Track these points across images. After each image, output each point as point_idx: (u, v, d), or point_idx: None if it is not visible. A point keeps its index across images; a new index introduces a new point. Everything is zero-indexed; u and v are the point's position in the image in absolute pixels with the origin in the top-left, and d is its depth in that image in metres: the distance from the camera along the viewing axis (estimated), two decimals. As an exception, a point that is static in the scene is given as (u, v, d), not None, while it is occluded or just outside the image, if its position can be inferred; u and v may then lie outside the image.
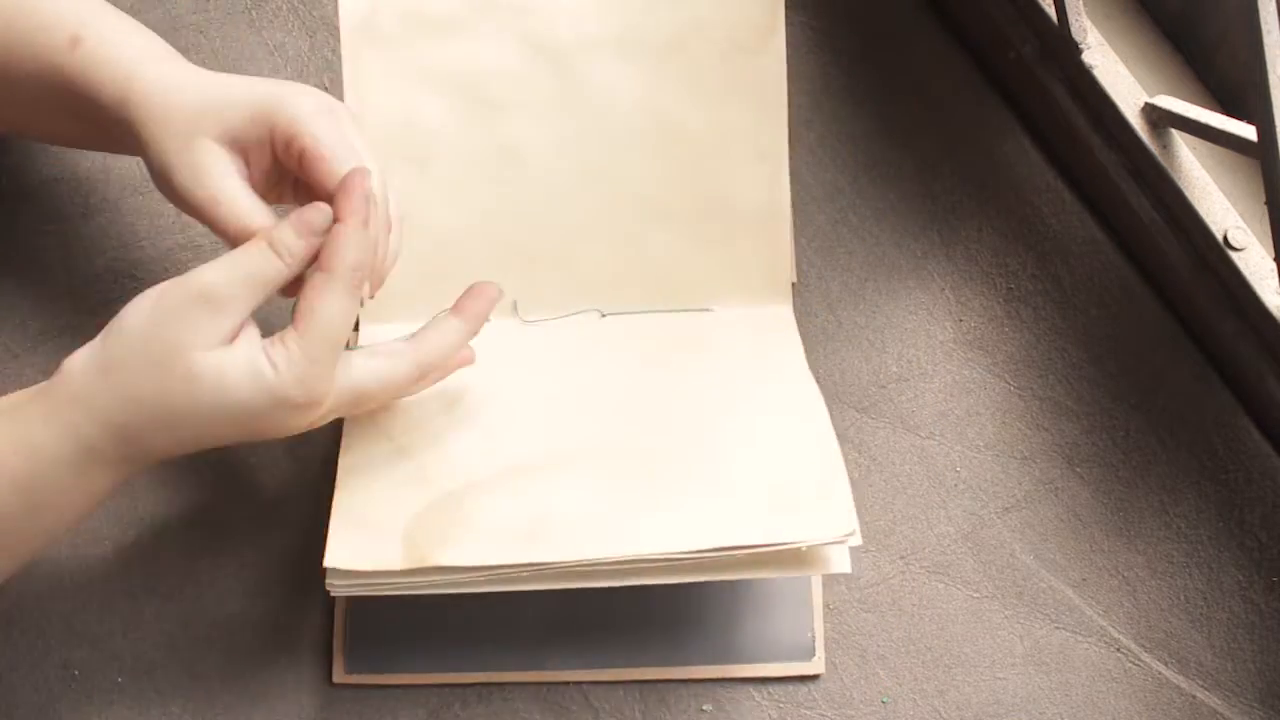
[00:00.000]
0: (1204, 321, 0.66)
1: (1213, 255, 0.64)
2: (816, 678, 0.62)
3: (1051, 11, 0.67)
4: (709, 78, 0.65)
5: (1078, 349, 0.68)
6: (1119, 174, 0.67)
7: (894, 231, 0.70)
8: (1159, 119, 0.65)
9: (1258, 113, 0.55)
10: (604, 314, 0.66)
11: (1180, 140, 0.65)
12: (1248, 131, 0.59)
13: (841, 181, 0.71)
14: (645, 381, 0.63)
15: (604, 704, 0.61)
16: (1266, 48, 0.53)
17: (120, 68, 0.56)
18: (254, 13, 0.72)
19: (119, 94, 0.56)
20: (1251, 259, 0.63)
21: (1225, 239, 0.63)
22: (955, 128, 0.72)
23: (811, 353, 0.67)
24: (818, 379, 0.66)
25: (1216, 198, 0.64)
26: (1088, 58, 0.66)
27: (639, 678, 0.62)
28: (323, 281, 0.52)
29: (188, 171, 0.55)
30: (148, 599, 0.63)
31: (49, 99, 0.58)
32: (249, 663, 0.61)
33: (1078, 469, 0.66)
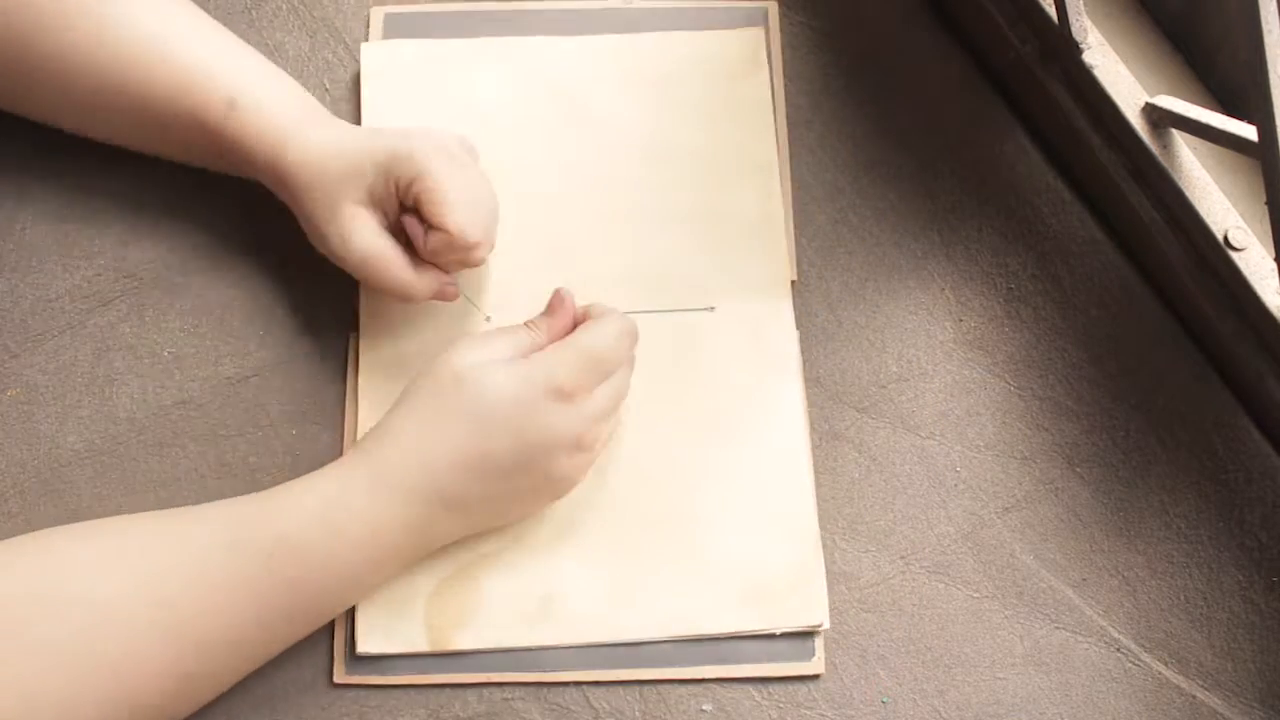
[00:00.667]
0: (1204, 321, 0.66)
1: (1213, 255, 0.64)
2: (816, 678, 0.62)
3: (1052, 11, 0.67)
4: (702, 104, 0.71)
5: (1078, 349, 0.68)
6: (1119, 174, 0.67)
7: (894, 231, 0.70)
8: (1159, 119, 0.65)
9: (1258, 113, 0.55)
10: None
11: (1180, 140, 0.65)
12: (1248, 131, 0.59)
13: (841, 181, 0.71)
14: (642, 423, 0.65)
15: (604, 704, 0.61)
16: (1267, 47, 0.53)
17: (273, 135, 0.61)
18: (254, 13, 0.72)
19: (271, 158, 0.61)
20: (1251, 259, 0.63)
21: (1225, 239, 0.63)
22: (955, 128, 0.72)
23: (811, 353, 0.67)
24: (818, 379, 0.67)
25: (1217, 198, 0.64)
26: (1088, 58, 0.66)
27: (639, 678, 0.62)
28: (601, 314, 0.61)
29: (338, 236, 0.61)
30: (148, 599, 0.63)
31: (201, 148, 0.63)
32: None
33: (1078, 469, 0.66)
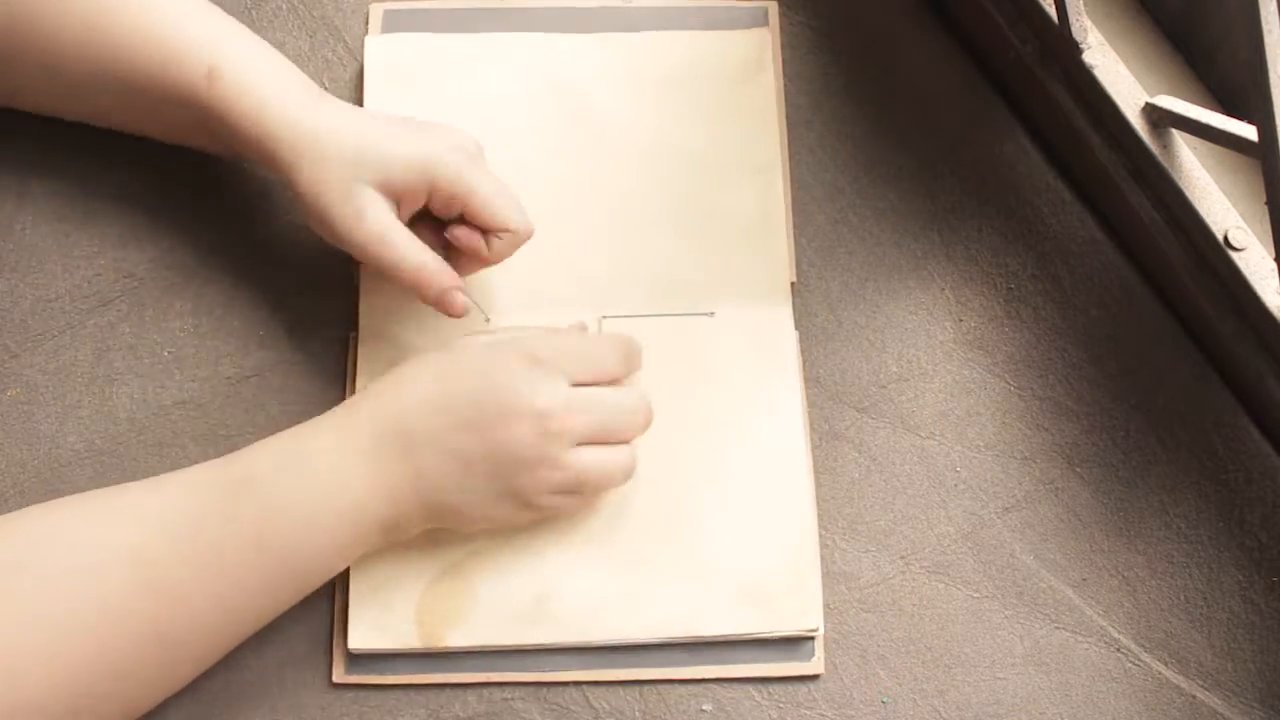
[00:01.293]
0: (1204, 321, 0.66)
1: (1213, 255, 0.64)
2: (816, 678, 0.62)
3: (1052, 11, 0.67)
4: (705, 105, 0.70)
5: (1078, 349, 0.68)
6: (1119, 174, 0.67)
7: (894, 231, 0.70)
8: (1159, 119, 0.65)
9: (1258, 113, 0.55)
10: (604, 317, 0.66)
11: (1180, 140, 0.65)
12: (1248, 131, 0.59)
13: (841, 181, 0.71)
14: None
15: (604, 704, 0.61)
16: (1267, 47, 0.53)
17: (258, 104, 0.60)
18: (254, 13, 0.72)
19: (258, 129, 0.60)
20: (1251, 259, 0.63)
21: (1225, 239, 0.63)
22: (955, 128, 0.72)
23: (811, 353, 0.67)
24: (818, 379, 0.67)
25: (1217, 198, 0.64)
26: (1088, 58, 0.66)
27: (639, 678, 0.62)
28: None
29: (350, 214, 0.60)
30: (148, 599, 0.63)
31: (186, 122, 0.62)
32: (249, 663, 0.61)
33: (1078, 469, 0.66)
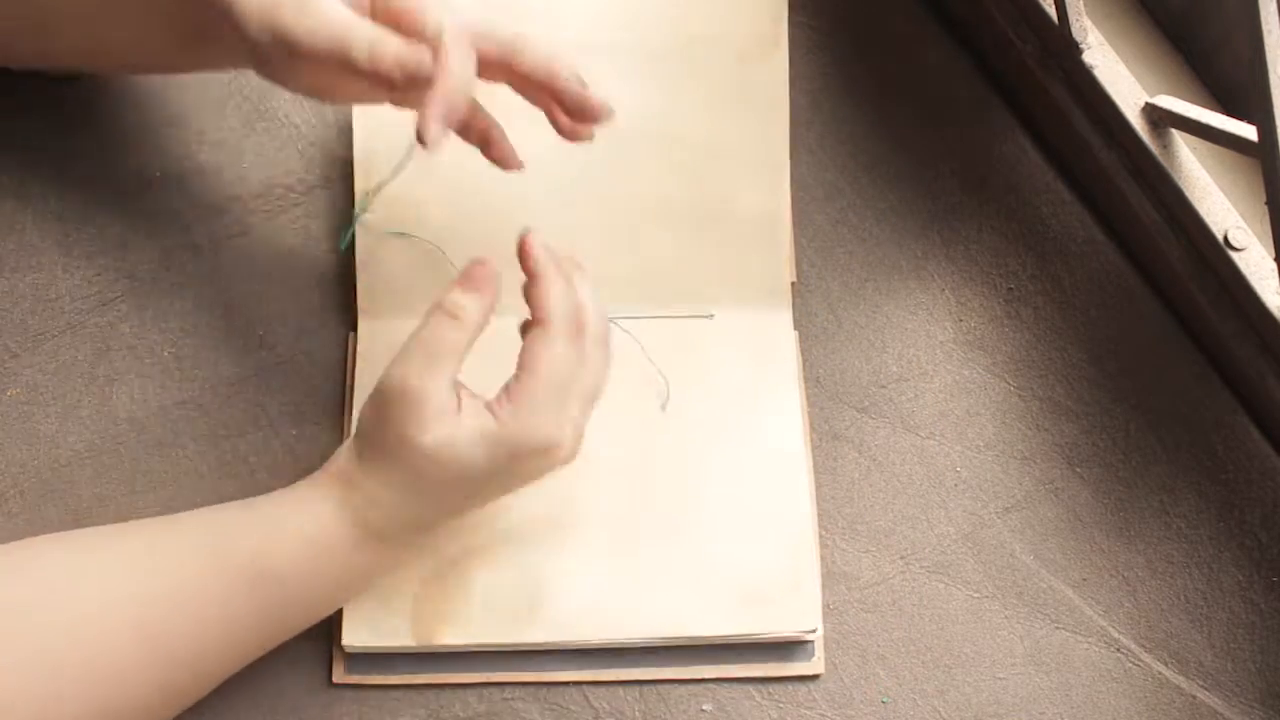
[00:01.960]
0: (1204, 321, 0.66)
1: (1213, 255, 0.64)
2: (816, 678, 0.62)
3: (1052, 11, 0.67)
4: (712, 87, 0.67)
5: (1078, 349, 0.68)
6: (1119, 174, 0.67)
7: (894, 231, 0.70)
8: (1159, 119, 0.65)
9: (1258, 113, 0.55)
10: None
11: (1180, 140, 0.65)
12: (1248, 131, 0.59)
13: (841, 181, 0.71)
14: (639, 424, 0.64)
15: (604, 704, 0.61)
16: (1267, 48, 0.53)
17: None
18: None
19: None
20: (1251, 259, 0.63)
21: (1225, 239, 0.63)
22: (955, 128, 0.72)
23: (811, 353, 0.67)
24: (818, 379, 0.67)
25: (1217, 198, 0.64)
26: (1088, 58, 0.66)
27: (639, 678, 0.61)
28: (539, 335, 0.54)
29: (293, 8, 0.52)
30: (148, 599, 0.63)
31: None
32: (249, 663, 0.61)
33: (1078, 469, 0.66)
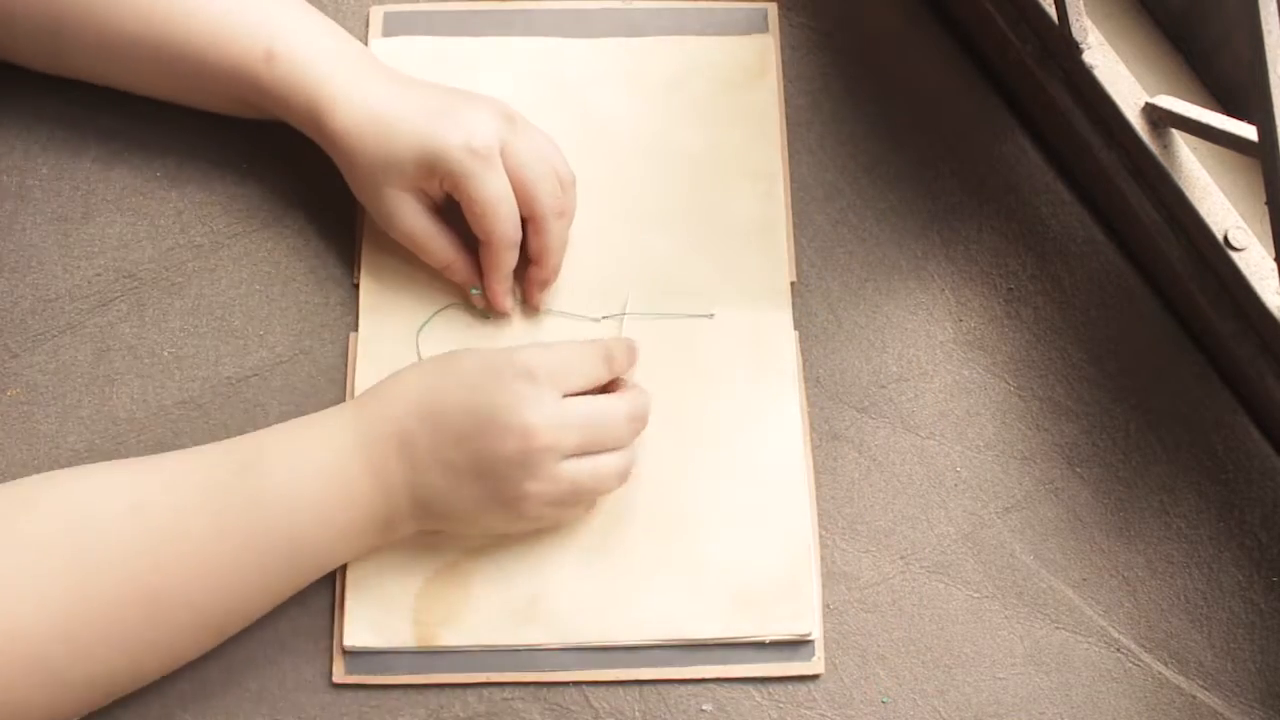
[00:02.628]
0: (1204, 321, 0.66)
1: (1213, 255, 0.64)
2: (816, 678, 0.62)
3: (1052, 11, 0.67)
4: (706, 109, 0.70)
5: (1078, 349, 0.68)
6: (1119, 174, 0.67)
7: (894, 231, 0.70)
8: (1159, 119, 0.65)
9: (1258, 113, 0.55)
10: (600, 318, 0.66)
11: (1180, 140, 0.65)
12: (1248, 131, 0.59)
13: (841, 182, 0.71)
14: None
15: (604, 704, 0.61)
16: (1268, 48, 0.53)
17: (311, 87, 0.61)
18: (254, 12, 0.72)
19: (309, 114, 0.62)
20: (1251, 259, 0.63)
21: (1225, 239, 0.63)
22: (955, 128, 0.72)
23: (811, 353, 0.67)
24: (818, 379, 0.67)
25: (1217, 198, 0.64)
26: (1088, 58, 0.66)
27: (639, 678, 0.62)
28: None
29: (382, 216, 0.63)
30: (148, 599, 0.63)
31: (241, 98, 0.64)
32: (249, 663, 0.61)
33: (1078, 469, 0.66)
